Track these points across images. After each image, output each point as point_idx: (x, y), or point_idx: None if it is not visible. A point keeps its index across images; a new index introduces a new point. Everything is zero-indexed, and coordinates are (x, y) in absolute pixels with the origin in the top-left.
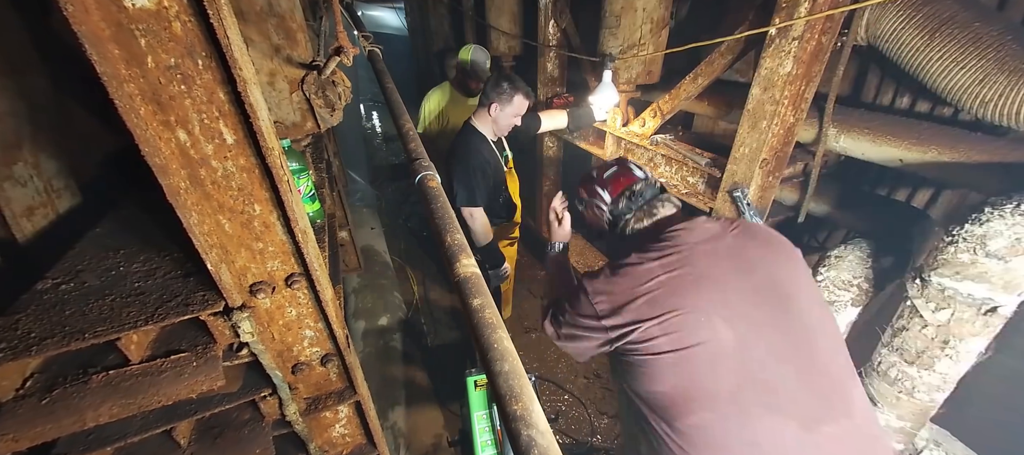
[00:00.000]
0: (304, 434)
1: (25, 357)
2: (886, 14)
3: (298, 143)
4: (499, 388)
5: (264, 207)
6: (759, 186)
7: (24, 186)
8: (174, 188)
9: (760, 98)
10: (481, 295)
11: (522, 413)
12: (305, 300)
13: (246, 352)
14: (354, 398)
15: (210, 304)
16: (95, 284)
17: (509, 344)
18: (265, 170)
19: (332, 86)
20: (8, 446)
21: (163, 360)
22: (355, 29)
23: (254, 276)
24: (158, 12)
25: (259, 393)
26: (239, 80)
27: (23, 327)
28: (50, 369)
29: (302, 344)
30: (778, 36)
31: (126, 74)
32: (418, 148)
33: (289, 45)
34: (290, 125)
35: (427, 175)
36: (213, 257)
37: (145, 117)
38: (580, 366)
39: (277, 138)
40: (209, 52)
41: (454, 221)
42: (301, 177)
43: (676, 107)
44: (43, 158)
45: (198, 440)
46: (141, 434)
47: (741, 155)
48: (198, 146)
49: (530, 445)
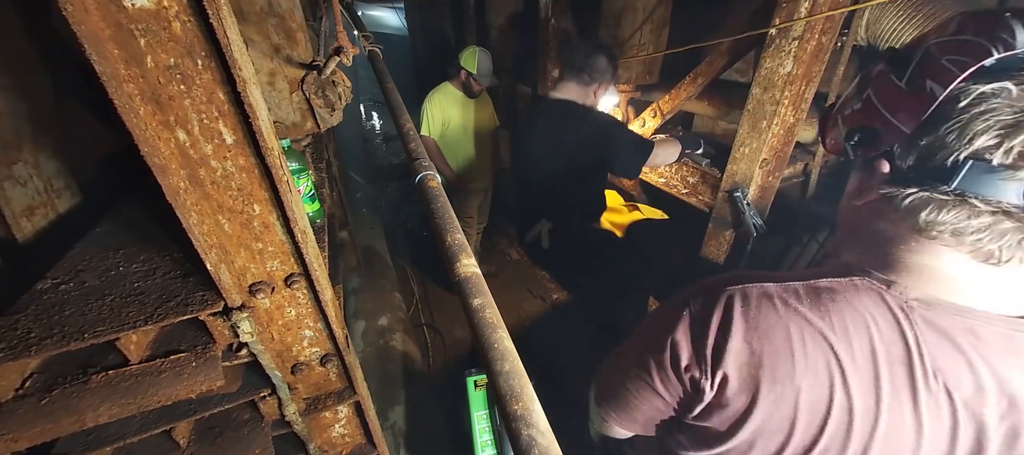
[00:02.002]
0: (304, 434)
1: (25, 357)
2: (886, 14)
3: (298, 143)
4: (499, 388)
5: (264, 207)
6: (759, 186)
7: (24, 186)
8: (173, 188)
9: (760, 98)
10: (481, 295)
11: (522, 413)
12: (305, 300)
13: (245, 352)
14: (354, 398)
15: (209, 304)
16: (95, 284)
17: (509, 344)
18: (265, 170)
19: (332, 86)
20: (7, 446)
21: (162, 360)
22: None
23: (253, 276)
24: (157, 12)
25: (258, 393)
26: (239, 80)
27: (23, 327)
28: (49, 369)
29: (301, 344)
30: (778, 36)
31: (125, 74)
32: (418, 148)
33: (289, 45)
34: (290, 125)
35: (427, 175)
36: (212, 257)
37: (144, 117)
38: (579, 365)
39: (277, 138)
40: (209, 52)
41: (454, 221)
42: (301, 177)
43: (676, 107)
44: (43, 158)
45: (197, 440)
46: (140, 434)
47: (741, 155)
48: (197, 146)
49: (530, 445)
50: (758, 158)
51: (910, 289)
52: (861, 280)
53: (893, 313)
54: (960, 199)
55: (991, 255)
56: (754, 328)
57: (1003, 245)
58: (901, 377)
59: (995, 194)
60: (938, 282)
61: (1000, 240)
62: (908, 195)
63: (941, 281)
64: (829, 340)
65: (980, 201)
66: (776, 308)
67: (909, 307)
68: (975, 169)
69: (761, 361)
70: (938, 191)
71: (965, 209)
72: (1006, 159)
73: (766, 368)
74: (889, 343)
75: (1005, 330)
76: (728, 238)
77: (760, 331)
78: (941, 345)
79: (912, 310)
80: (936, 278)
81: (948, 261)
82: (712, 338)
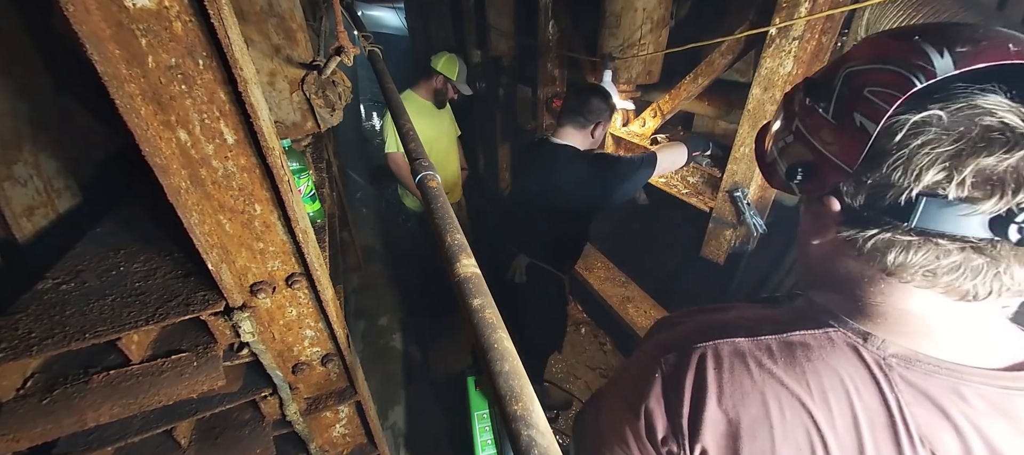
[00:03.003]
0: (304, 434)
1: (25, 357)
2: (886, 14)
3: (298, 143)
4: (499, 388)
5: (265, 207)
6: (759, 186)
7: (24, 186)
8: (175, 188)
9: (760, 98)
10: (481, 295)
11: (522, 413)
12: (306, 300)
13: (247, 352)
14: (354, 398)
15: (211, 304)
16: (95, 284)
17: (509, 344)
18: (266, 170)
19: (332, 86)
20: (9, 446)
21: (164, 360)
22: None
23: (255, 276)
24: (159, 12)
25: (259, 393)
26: (240, 80)
27: (23, 327)
28: (51, 369)
29: (303, 344)
30: (778, 36)
31: (127, 74)
32: (418, 148)
33: (289, 45)
34: (290, 125)
35: (427, 175)
36: (214, 257)
37: (146, 117)
38: (579, 365)
39: (277, 138)
40: (210, 52)
41: (454, 221)
42: (301, 177)
43: (676, 107)
44: (43, 158)
45: (199, 440)
46: (141, 434)
47: (741, 155)
48: (199, 146)
49: (530, 445)
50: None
51: (887, 344)
52: (835, 333)
53: (872, 373)
54: (924, 238)
55: (968, 293)
56: (729, 394)
57: (978, 283)
58: (886, 443)
59: (958, 230)
60: (915, 332)
61: (975, 278)
62: (870, 237)
63: (917, 330)
64: (807, 407)
65: (945, 240)
66: (750, 371)
67: (888, 365)
68: (931, 205)
69: (738, 432)
70: (900, 231)
71: (932, 249)
72: (961, 192)
73: (744, 440)
74: (870, 409)
75: (992, 390)
76: (728, 238)
77: (735, 398)
78: (924, 408)
79: (891, 368)
80: (912, 326)
81: (921, 303)
82: (686, 407)
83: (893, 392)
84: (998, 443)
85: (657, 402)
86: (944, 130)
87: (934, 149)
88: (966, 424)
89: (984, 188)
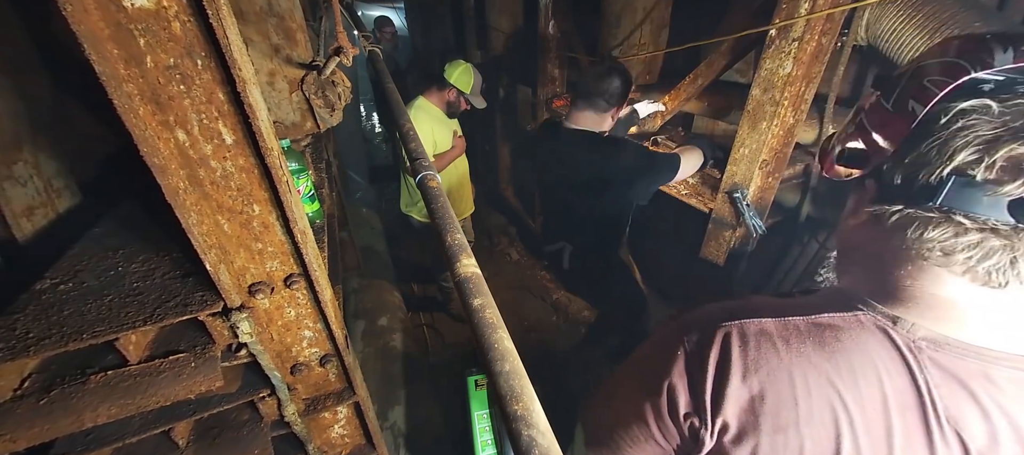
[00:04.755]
0: (303, 435)
1: (23, 357)
2: (886, 14)
3: (298, 143)
4: (499, 388)
5: (263, 207)
6: (759, 187)
7: (24, 186)
8: (173, 188)
9: (760, 99)
10: (481, 295)
11: (523, 413)
12: (304, 300)
13: (245, 352)
14: (353, 399)
15: (209, 304)
16: (94, 284)
17: (510, 344)
18: (264, 170)
19: (332, 86)
20: (6, 446)
21: (162, 360)
22: (355, 29)
23: (253, 276)
24: (157, 12)
25: (258, 394)
26: (238, 80)
27: (21, 327)
28: (48, 369)
29: (301, 345)
30: (778, 37)
31: (125, 74)
32: (418, 148)
33: (289, 45)
34: (290, 125)
35: (427, 175)
36: (212, 257)
37: (144, 117)
38: (578, 365)
39: (276, 138)
40: (208, 52)
41: (454, 221)
42: (300, 177)
43: (676, 107)
44: (43, 158)
45: (197, 440)
46: (139, 434)
47: (741, 156)
48: (197, 146)
49: (530, 445)
50: (758, 159)
51: (916, 327)
52: (865, 316)
53: (902, 354)
54: (946, 216)
55: (987, 276)
56: (754, 371)
57: (992, 266)
58: (914, 425)
59: (982, 211)
60: (944, 316)
61: (988, 260)
62: (894, 212)
63: (947, 315)
64: (836, 386)
65: (967, 218)
66: (777, 349)
67: (917, 348)
68: (958, 185)
69: (762, 408)
70: (924, 208)
71: (951, 227)
72: (989, 174)
73: (767, 416)
74: (900, 390)
75: (1022, 374)
76: (728, 238)
77: (760, 375)
78: (953, 390)
79: (920, 351)
80: (942, 311)
81: (951, 288)
82: (710, 381)
83: (922, 373)
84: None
85: (680, 377)
86: (990, 118)
87: (973, 132)
88: (993, 406)
89: (1013, 173)
